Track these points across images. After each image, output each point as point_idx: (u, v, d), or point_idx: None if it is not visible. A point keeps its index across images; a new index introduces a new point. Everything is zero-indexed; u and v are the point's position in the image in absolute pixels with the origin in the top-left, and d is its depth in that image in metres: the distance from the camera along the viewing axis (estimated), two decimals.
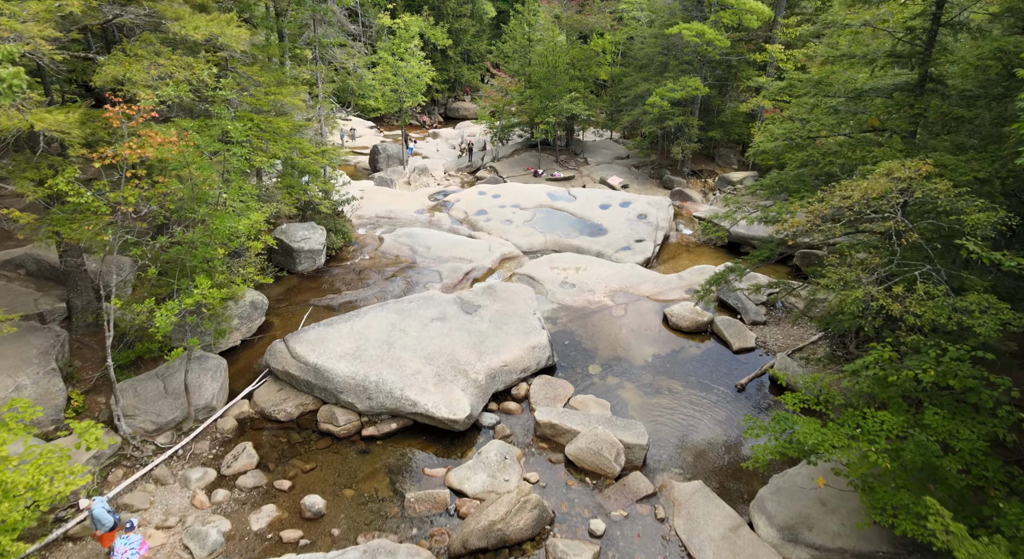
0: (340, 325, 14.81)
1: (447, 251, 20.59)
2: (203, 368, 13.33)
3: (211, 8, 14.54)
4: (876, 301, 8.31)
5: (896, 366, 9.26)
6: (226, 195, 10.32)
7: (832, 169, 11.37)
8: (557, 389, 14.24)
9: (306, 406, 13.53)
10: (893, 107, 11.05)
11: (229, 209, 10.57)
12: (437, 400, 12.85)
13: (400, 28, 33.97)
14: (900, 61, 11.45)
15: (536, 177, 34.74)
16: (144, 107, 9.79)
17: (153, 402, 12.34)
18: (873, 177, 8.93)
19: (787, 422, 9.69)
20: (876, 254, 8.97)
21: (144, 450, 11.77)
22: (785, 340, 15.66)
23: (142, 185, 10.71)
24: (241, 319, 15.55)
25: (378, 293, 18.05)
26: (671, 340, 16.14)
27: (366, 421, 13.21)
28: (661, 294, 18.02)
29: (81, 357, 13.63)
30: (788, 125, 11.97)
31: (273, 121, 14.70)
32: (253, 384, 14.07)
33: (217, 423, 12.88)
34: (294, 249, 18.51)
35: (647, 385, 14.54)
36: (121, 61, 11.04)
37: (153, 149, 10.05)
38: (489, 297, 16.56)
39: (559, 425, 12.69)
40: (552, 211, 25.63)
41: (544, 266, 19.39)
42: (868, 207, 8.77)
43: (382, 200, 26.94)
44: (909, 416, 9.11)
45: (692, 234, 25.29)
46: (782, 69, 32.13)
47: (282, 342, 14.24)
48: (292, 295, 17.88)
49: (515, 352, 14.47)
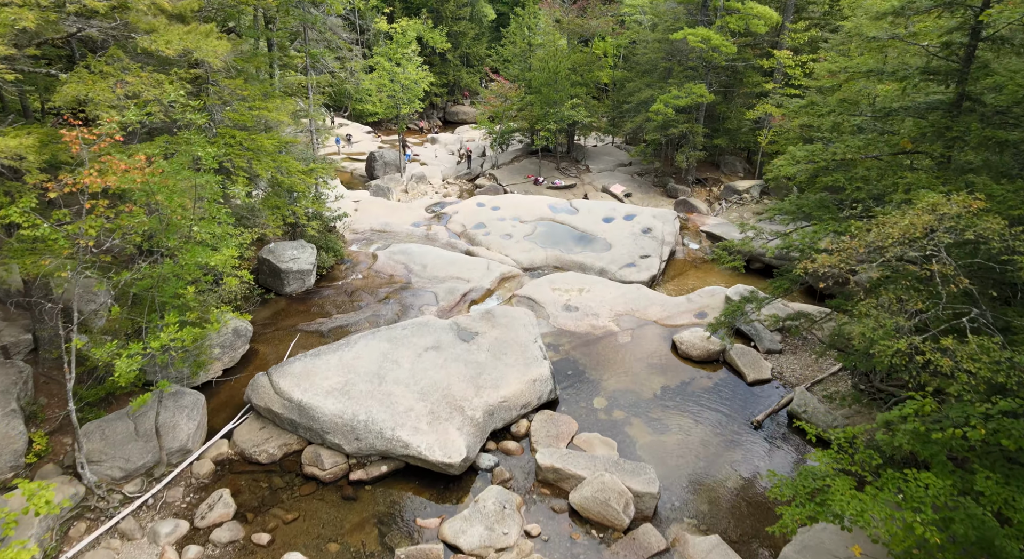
0: (328, 356, 13.86)
1: (444, 270, 19.64)
2: (178, 405, 12.37)
3: (190, 19, 13.61)
4: (923, 355, 7.36)
5: (937, 417, 8.33)
6: (197, 228, 9.39)
7: (860, 195, 10.45)
8: (560, 426, 13.29)
9: (290, 446, 12.57)
10: (928, 128, 10.11)
11: (201, 243, 9.64)
12: (431, 441, 11.90)
13: (397, 33, 33.06)
14: (936, 78, 10.52)
15: (537, 185, 33.84)
16: (106, 130, 8.84)
17: (122, 446, 11.38)
18: (915, 212, 7.99)
19: (816, 479, 8.74)
20: (916, 297, 8.02)
21: (110, 500, 10.81)
22: (803, 371, 14.70)
23: (107, 213, 9.78)
24: (223, 348, 14.59)
25: (370, 317, 17.10)
26: (681, 370, 15.18)
27: (354, 463, 12.26)
28: (669, 318, 17.07)
29: (48, 393, 12.68)
30: (810, 147, 11.03)
31: (257, 138, 13.75)
32: (233, 422, 13.12)
33: (192, 467, 11.92)
34: (282, 270, 17.55)
35: (656, 421, 13.59)
36: (84, 79, 10.09)
37: (116, 177, 9.10)
38: (487, 323, 15.61)
39: (563, 470, 11.73)
40: (553, 224, 24.68)
41: (545, 287, 18.43)
42: (910, 247, 7.83)
43: (377, 213, 25.99)
44: (956, 478, 8.16)
45: (699, 249, 24.34)
46: (790, 75, 31.26)
47: (265, 376, 13.29)
48: (279, 319, 16.92)
49: (515, 386, 13.52)
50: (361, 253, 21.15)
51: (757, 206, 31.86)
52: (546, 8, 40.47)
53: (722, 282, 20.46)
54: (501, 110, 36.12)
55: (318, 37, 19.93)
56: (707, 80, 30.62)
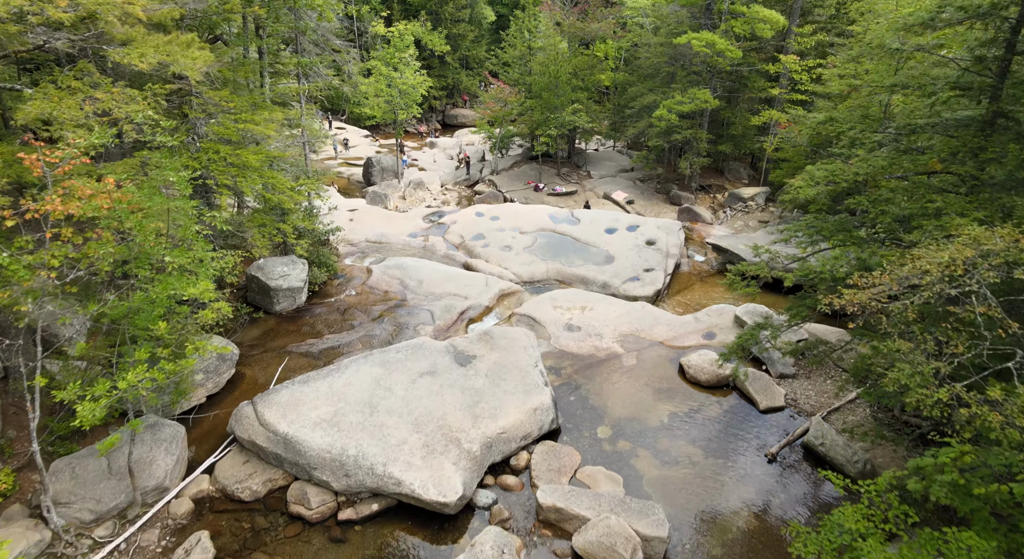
0: (317, 383, 13.11)
1: (440, 286, 18.89)
2: (156, 439, 11.62)
3: (171, 28, 12.87)
4: (968, 407, 6.62)
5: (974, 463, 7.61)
6: (169, 258, 8.65)
7: (884, 219, 9.72)
8: (562, 458, 12.55)
9: (275, 482, 11.83)
10: (959, 147, 9.38)
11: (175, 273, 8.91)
12: (424, 478, 11.16)
13: (395, 37, 32.32)
14: (967, 93, 9.79)
15: (537, 192, 33.11)
16: (66, 155, 8.09)
17: (93, 485, 10.63)
18: (956, 247, 7.25)
19: (843, 533, 8.02)
20: (957, 339, 7.28)
21: (79, 546, 10.07)
22: (818, 398, 13.95)
23: (75, 240, 9.04)
24: (207, 373, 13.85)
25: (363, 337, 16.35)
26: (689, 396, 14.44)
27: (343, 501, 11.52)
28: (676, 339, 16.32)
29: (17, 425, 11.94)
30: (830, 166, 10.30)
31: (242, 154, 12.99)
32: (215, 455, 12.37)
33: (169, 506, 11.17)
34: (271, 288, 16.80)
35: (663, 453, 12.84)
36: (50, 95, 9.34)
37: (80, 203, 8.36)
38: (486, 345, 14.87)
39: (565, 510, 10.99)
40: (554, 235, 23.94)
41: (546, 305, 17.68)
42: (950, 285, 7.09)
43: (373, 223, 25.25)
44: (1001, 538, 7.43)
45: (704, 261, 23.59)
46: (796, 80, 30.51)
47: (250, 405, 12.54)
48: (268, 340, 16.17)
49: (515, 415, 12.77)
50: (355, 267, 20.40)
51: (762, 214, 31.12)
52: (546, 11, 39.74)
53: (730, 298, 19.73)
54: (501, 115, 35.39)
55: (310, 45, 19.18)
56: (711, 85, 29.90)
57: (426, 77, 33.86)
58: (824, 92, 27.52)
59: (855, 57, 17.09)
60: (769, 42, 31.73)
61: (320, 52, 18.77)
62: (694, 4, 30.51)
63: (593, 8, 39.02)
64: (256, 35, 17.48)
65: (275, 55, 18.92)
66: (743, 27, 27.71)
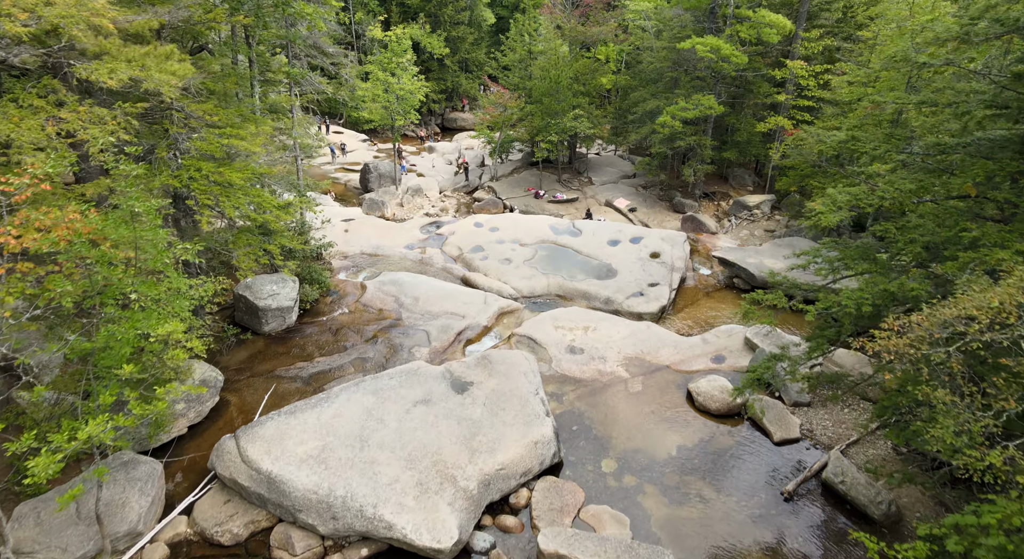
0: (305, 414, 12.36)
1: (437, 304, 18.13)
2: (130, 478, 10.88)
3: (149, 38, 12.12)
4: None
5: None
6: (135, 295, 7.92)
7: (914, 248, 8.99)
8: (565, 496, 11.80)
9: (258, 524, 11.08)
10: (996, 171, 8.66)
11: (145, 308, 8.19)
12: (417, 521, 10.41)
13: (392, 41, 31.57)
14: (1005, 113, 9.06)
15: (537, 199, 32.41)
16: (18, 184, 7.35)
17: (59, 532, 9.88)
18: (1004, 289, 6.52)
19: None
20: (1008, 392, 6.54)
21: None
22: (836, 428, 13.19)
23: (37, 272, 8.30)
24: (188, 403, 13.11)
25: (356, 360, 15.59)
26: (698, 425, 13.69)
27: (330, 546, 10.77)
28: (684, 363, 15.57)
29: None
30: (853, 190, 9.55)
31: (226, 171, 12.24)
32: (194, 493, 11.62)
33: (143, 553, 10.42)
34: (260, 308, 16.05)
35: (672, 489, 12.09)
36: (10, 115, 8.59)
37: (38, 236, 7.62)
38: (484, 371, 14.12)
39: (569, 557, 10.24)
40: (555, 248, 23.19)
41: (547, 325, 16.92)
42: (1000, 334, 6.35)
43: (369, 234, 24.49)
44: None
45: (711, 275, 22.83)
46: (803, 86, 29.78)
47: (232, 439, 11.80)
48: (256, 363, 15.42)
49: (514, 450, 12.03)
50: (349, 283, 19.65)
51: (768, 222, 30.39)
52: (547, 14, 38.97)
53: (738, 313, 18.95)
54: (500, 120, 34.66)
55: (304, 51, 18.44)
56: (716, 90, 29.15)
57: (424, 82, 33.13)
58: (832, 98, 26.81)
59: (876, 71, 16.31)
60: (775, 47, 30.97)
61: (314, 58, 18.02)
62: (698, 8, 29.79)
63: (595, 11, 38.29)
64: (245, 43, 16.73)
65: (266, 63, 18.18)
66: (749, 32, 26.97)
